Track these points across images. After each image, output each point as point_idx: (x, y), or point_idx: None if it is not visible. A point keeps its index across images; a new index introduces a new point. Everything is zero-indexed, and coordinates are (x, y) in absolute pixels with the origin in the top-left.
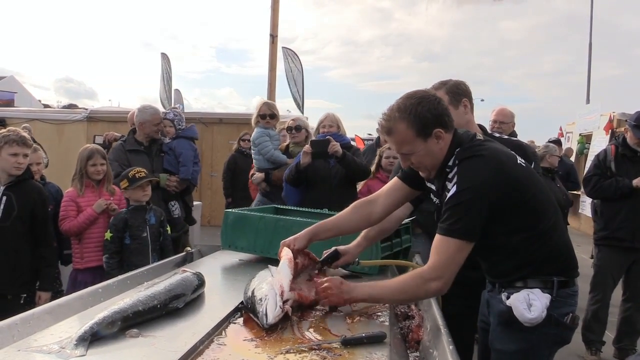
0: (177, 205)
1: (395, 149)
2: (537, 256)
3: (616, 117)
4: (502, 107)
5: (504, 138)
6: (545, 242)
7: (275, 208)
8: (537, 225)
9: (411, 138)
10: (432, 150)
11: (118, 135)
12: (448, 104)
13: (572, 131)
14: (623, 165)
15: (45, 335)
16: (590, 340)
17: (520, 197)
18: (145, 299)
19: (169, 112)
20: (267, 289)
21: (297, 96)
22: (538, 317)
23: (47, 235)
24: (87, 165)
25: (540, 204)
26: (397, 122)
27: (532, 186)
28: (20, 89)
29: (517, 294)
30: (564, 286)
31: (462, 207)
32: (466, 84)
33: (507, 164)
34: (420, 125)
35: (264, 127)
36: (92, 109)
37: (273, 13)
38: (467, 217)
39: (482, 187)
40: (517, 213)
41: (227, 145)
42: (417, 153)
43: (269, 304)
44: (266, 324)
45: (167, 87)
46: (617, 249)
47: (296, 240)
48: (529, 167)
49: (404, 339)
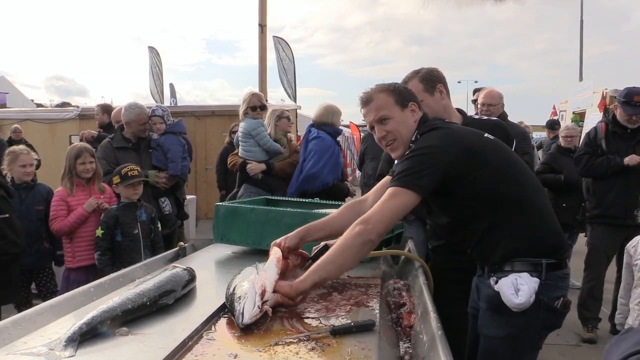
0: (167, 202)
1: (373, 116)
2: (519, 234)
3: (609, 94)
4: (489, 89)
5: (483, 119)
6: (526, 219)
7: (266, 199)
8: (502, 193)
9: (390, 104)
10: (406, 120)
11: (95, 134)
12: (423, 92)
13: (565, 110)
14: (614, 143)
15: (35, 337)
16: (586, 317)
17: (479, 163)
18: (134, 297)
19: (157, 108)
20: (248, 287)
21: (288, 86)
22: (526, 302)
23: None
24: (76, 164)
25: (507, 175)
26: (377, 92)
27: (495, 157)
28: (11, 89)
29: (505, 278)
30: (553, 269)
31: (411, 160)
32: (439, 70)
33: (466, 134)
34: (399, 96)
35: (253, 118)
36: (84, 106)
37: (261, 2)
38: (413, 170)
39: (436, 147)
40: (478, 179)
41: (220, 137)
42: (394, 119)
43: (246, 303)
44: (241, 323)
45: (157, 81)
46: (610, 226)
47: (287, 239)
48: (497, 141)
49: (396, 326)
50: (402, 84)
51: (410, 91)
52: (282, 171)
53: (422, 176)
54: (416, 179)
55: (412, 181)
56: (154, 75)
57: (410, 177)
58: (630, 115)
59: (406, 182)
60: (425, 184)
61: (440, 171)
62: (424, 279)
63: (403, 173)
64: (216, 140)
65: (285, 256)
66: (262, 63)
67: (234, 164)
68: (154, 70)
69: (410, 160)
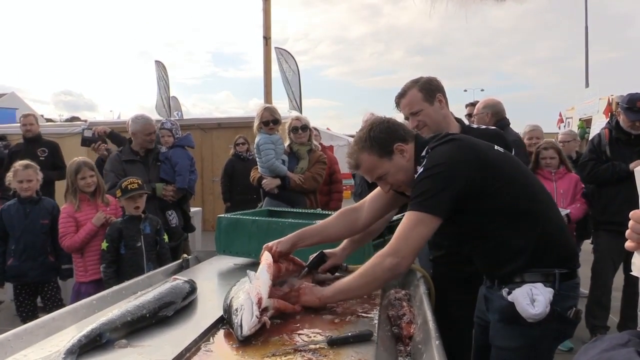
0: (174, 215)
1: (369, 179)
2: (533, 246)
3: (615, 100)
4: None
5: (481, 128)
6: (535, 229)
7: (269, 211)
8: (519, 207)
9: (377, 162)
10: (400, 164)
11: (108, 130)
12: (422, 101)
13: (571, 116)
14: (618, 149)
15: (35, 350)
16: (595, 325)
17: (496, 177)
18: (133, 309)
19: (166, 121)
20: (244, 298)
21: (293, 97)
22: (542, 313)
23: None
24: (77, 179)
25: (522, 187)
26: (359, 154)
27: (509, 169)
28: (21, 104)
29: (520, 289)
30: (566, 279)
31: (429, 181)
32: (438, 80)
33: (480, 146)
34: (379, 148)
35: (266, 133)
36: (92, 121)
37: (265, 15)
38: (434, 191)
39: (452, 163)
40: (495, 194)
41: (227, 149)
42: (389, 173)
43: (244, 315)
44: (241, 335)
45: (164, 94)
46: (616, 233)
47: (279, 244)
48: (507, 153)
49: (396, 337)
50: (376, 123)
51: (386, 130)
52: (299, 186)
53: (443, 198)
54: (438, 203)
55: (434, 205)
56: (160, 89)
57: (432, 201)
58: (633, 121)
59: (429, 208)
60: (447, 207)
61: (460, 188)
62: (425, 289)
63: (423, 196)
64: (222, 152)
65: (275, 260)
66: (267, 75)
67: (254, 178)
68: (161, 84)
69: (428, 181)
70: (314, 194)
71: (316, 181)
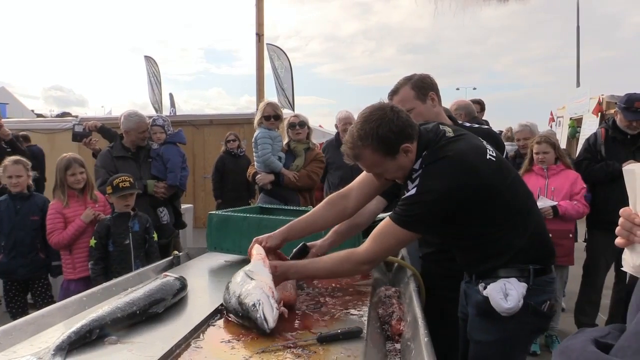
0: (165, 212)
1: (366, 171)
2: (512, 246)
3: (605, 99)
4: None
5: (474, 127)
6: (520, 233)
7: (260, 208)
8: (509, 217)
9: (380, 160)
10: (403, 164)
11: (99, 124)
12: (415, 99)
13: (562, 115)
14: (613, 148)
15: (24, 347)
16: (583, 323)
17: (489, 194)
18: (123, 306)
19: (158, 118)
20: (259, 293)
21: (284, 95)
22: (514, 307)
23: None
24: (66, 175)
25: (513, 197)
26: (362, 149)
27: (502, 181)
28: (11, 99)
29: (494, 284)
30: (540, 274)
31: (418, 207)
32: (431, 77)
33: (474, 163)
34: (386, 147)
35: (267, 128)
36: (83, 116)
37: (258, 12)
38: (420, 216)
39: (443, 192)
40: (487, 209)
41: (218, 146)
42: (388, 170)
43: (265, 309)
44: (268, 328)
45: (156, 90)
46: (610, 232)
47: (269, 239)
48: (499, 159)
49: (385, 334)
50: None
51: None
52: (293, 183)
53: (428, 221)
54: (421, 224)
55: (417, 225)
56: (152, 85)
57: (416, 223)
58: (630, 121)
59: (411, 226)
60: (431, 225)
61: (449, 211)
62: (415, 286)
63: (408, 216)
64: (214, 149)
65: (266, 254)
66: (260, 72)
67: (249, 173)
68: (152, 80)
69: (417, 207)
70: (309, 192)
71: (311, 179)
